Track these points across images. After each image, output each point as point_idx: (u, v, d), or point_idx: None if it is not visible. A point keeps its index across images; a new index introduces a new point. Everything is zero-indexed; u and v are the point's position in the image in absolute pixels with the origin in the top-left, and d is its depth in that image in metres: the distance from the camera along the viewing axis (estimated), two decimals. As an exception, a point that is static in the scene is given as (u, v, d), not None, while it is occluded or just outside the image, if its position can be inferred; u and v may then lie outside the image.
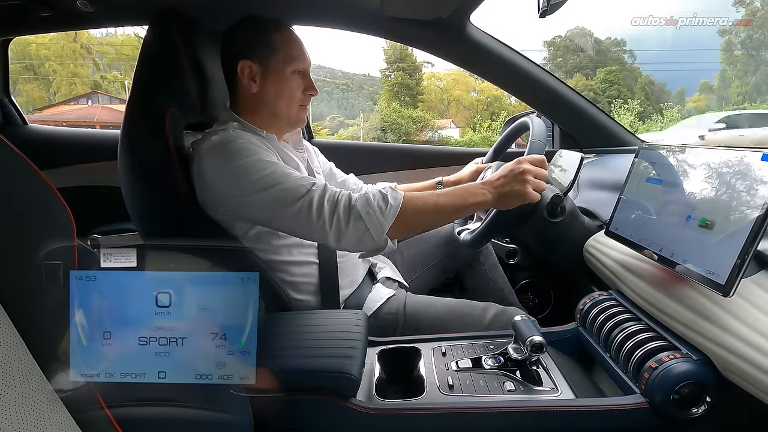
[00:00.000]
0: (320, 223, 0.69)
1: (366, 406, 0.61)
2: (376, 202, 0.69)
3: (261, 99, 0.83)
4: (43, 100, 15.99)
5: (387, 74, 19.50)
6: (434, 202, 0.73)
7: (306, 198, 0.70)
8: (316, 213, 0.69)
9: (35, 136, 1.47)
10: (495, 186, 0.73)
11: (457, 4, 0.95)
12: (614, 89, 17.10)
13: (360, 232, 0.69)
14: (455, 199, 0.73)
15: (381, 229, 0.69)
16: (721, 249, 0.53)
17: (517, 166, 0.73)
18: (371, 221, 0.68)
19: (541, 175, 0.74)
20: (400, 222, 0.70)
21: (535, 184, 0.73)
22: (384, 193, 0.71)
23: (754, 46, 15.19)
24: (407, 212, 0.71)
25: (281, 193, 0.70)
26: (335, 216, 0.69)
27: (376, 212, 0.69)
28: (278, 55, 0.82)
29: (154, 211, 0.80)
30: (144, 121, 0.78)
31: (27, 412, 0.34)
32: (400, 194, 0.72)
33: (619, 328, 0.67)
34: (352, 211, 0.69)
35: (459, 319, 0.84)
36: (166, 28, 0.80)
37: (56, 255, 0.42)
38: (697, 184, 0.60)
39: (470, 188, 0.75)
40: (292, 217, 0.70)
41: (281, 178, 0.71)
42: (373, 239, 0.69)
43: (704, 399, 0.56)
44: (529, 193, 0.72)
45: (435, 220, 0.75)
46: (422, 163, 1.47)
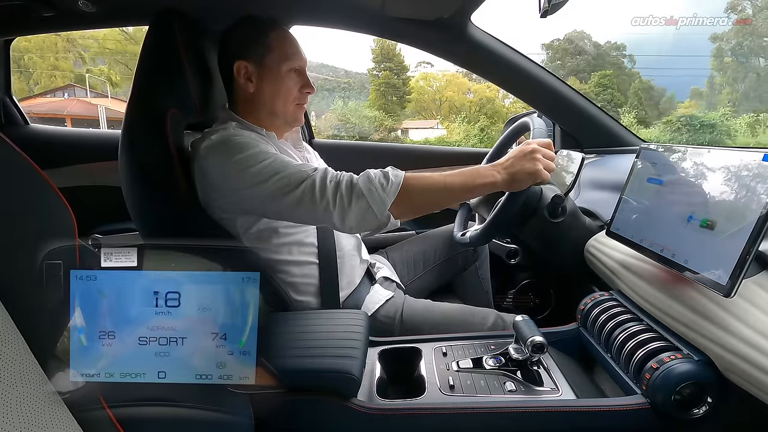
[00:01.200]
0: (324, 204, 0.69)
1: (367, 406, 0.61)
2: (378, 179, 0.70)
3: (258, 99, 0.84)
4: (23, 92, 15.86)
5: (374, 74, 19.34)
6: (442, 181, 0.72)
7: (308, 181, 0.70)
8: (320, 194, 0.69)
9: (37, 135, 1.47)
10: (505, 167, 0.73)
11: (459, 4, 0.95)
12: (608, 93, 17.01)
13: (362, 209, 0.69)
14: (464, 178, 0.72)
15: (383, 205, 0.69)
16: (722, 249, 0.53)
17: (527, 146, 0.73)
18: (373, 198, 0.68)
19: (550, 155, 0.73)
20: (405, 199, 0.70)
21: (545, 163, 0.72)
22: (385, 171, 0.71)
23: (744, 54, 15.18)
24: (413, 189, 0.70)
25: (284, 181, 0.70)
26: (338, 195, 0.69)
27: (378, 189, 0.69)
28: (273, 54, 0.82)
29: (154, 211, 0.80)
30: (145, 121, 0.78)
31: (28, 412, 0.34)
32: (401, 172, 0.71)
33: (620, 328, 0.67)
34: (354, 189, 0.69)
35: (457, 325, 0.84)
36: (167, 28, 0.80)
37: (58, 254, 0.42)
38: (698, 184, 0.60)
39: (480, 169, 0.74)
40: (295, 202, 0.70)
41: (282, 167, 0.71)
42: (375, 216, 0.69)
43: (705, 399, 0.56)
44: (540, 171, 0.71)
45: (442, 198, 0.74)
46: (422, 163, 1.47)
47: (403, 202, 0.70)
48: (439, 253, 1.11)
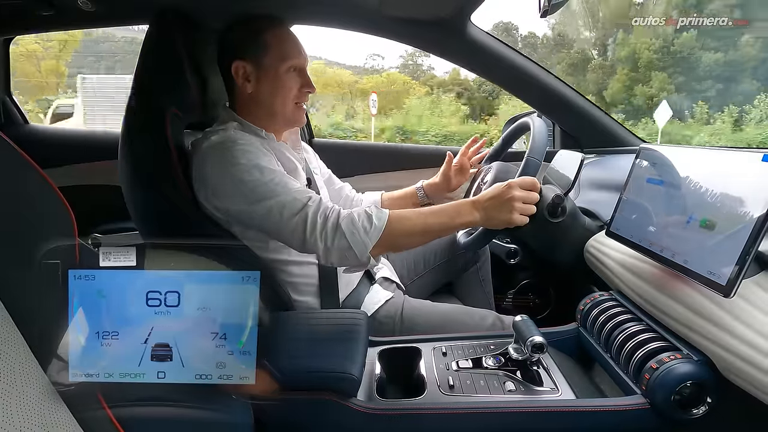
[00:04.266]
0: (312, 239, 0.71)
1: (366, 405, 0.61)
2: (361, 222, 0.71)
3: (257, 98, 0.83)
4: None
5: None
6: (422, 222, 0.74)
7: (302, 213, 0.71)
8: (310, 229, 0.71)
9: (37, 135, 1.47)
10: (484, 207, 0.75)
11: (458, 4, 0.95)
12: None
13: (343, 248, 0.71)
14: (444, 218, 0.75)
15: (364, 248, 0.71)
16: (722, 250, 0.53)
17: (507, 190, 0.74)
18: (354, 240, 0.71)
19: (531, 198, 0.75)
20: (387, 240, 0.72)
21: (522, 209, 0.74)
22: (369, 213, 0.73)
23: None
24: (394, 233, 0.73)
25: (278, 207, 0.72)
26: (324, 232, 0.71)
27: (360, 232, 0.71)
28: (271, 52, 0.81)
29: (154, 211, 0.80)
30: (144, 120, 0.77)
31: (28, 411, 0.34)
32: (385, 214, 0.73)
33: (620, 328, 0.67)
34: (337, 229, 0.71)
35: (456, 326, 0.84)
36: (166, 27, 0.80)
37: (57, 254, 0.42)
38: (698, 184, 0.60)
39: (460, 207, 0.76)
40: (288, 231, 0.72)
41: (280, 190, 0.73)
42: (356, 257, 0.71)
43: (705, 399, 0.56)
44: (514, 219, 0.74)
45: (422, 239, 0.77)
46: (421, 163, 1.47)
47: (385, 243, 0.72)
48: (439, 254, 1.11)
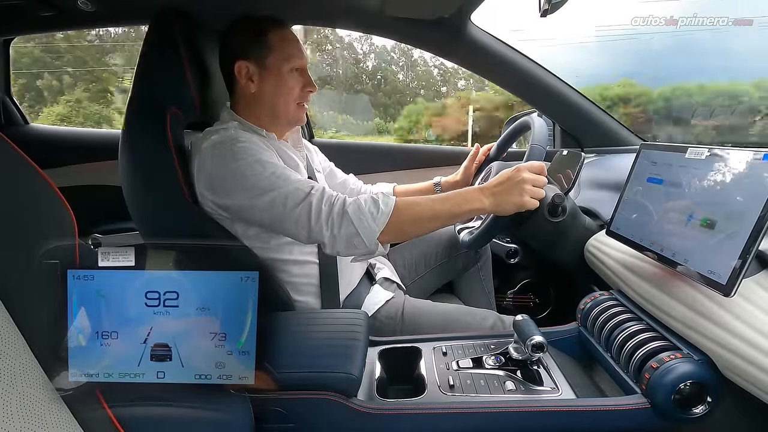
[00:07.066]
0: (318, 227, 0.70)
1: (367, 405, 0.61)
2: (368, 208, 0.71)
3: (259, 98, 0.84)
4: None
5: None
6: (430, 208, 0.73)
7: (305, 202, 0.71)
8: (315, 217, 0.70)
9: (37, 135, 1.47)
10: (492, 192, 0.74)
11: (459, 4, 0.95)
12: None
13: (351, 235, 0.70)
14: (451, 205, 0.74)
15: (372, 233, 0.70)
16: (722, 249, 0.53)
17: (516, 173, 0.74)
18: (362, 226, 0.70)
19: (539, 182, 0.75)
20: (394, 227, 0.71)
21: (533, 192, 0.73)
22: (375, 199, 0.72)
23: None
24: (402, 218, 0.72)
25: (281, 198, 0.71)
26: (330, 220, 0.70)
27: (367, 217, 0.70)
28: (275, 53, 0.82)
29: (154, 211, 0.80)
30: (145, 120, 0.77)
31: (28, 411, 0.34)
32: (392, 200, 0.72)
33: (620, 328, 0.67)
34: (344, 216, 0.70)
35: (457, 326, 0.84)
36: (166, 27, 0.80)
37: (57, 254, 0.42)
38: (699, 183, 0.60)
39: (467, 194, 0.75)
40: (292, 221, 0.71)
41: (282, 182, 0.72)
42: (364, 243, 0.71)
43: (705, 399, 0.56)
44: (526, 202, 0.73)
45: (431, 225, 0.76)
46: (422, 162, 1.47)
47: (392, 230, 0.72)
48: (440, 254, 1.11)
